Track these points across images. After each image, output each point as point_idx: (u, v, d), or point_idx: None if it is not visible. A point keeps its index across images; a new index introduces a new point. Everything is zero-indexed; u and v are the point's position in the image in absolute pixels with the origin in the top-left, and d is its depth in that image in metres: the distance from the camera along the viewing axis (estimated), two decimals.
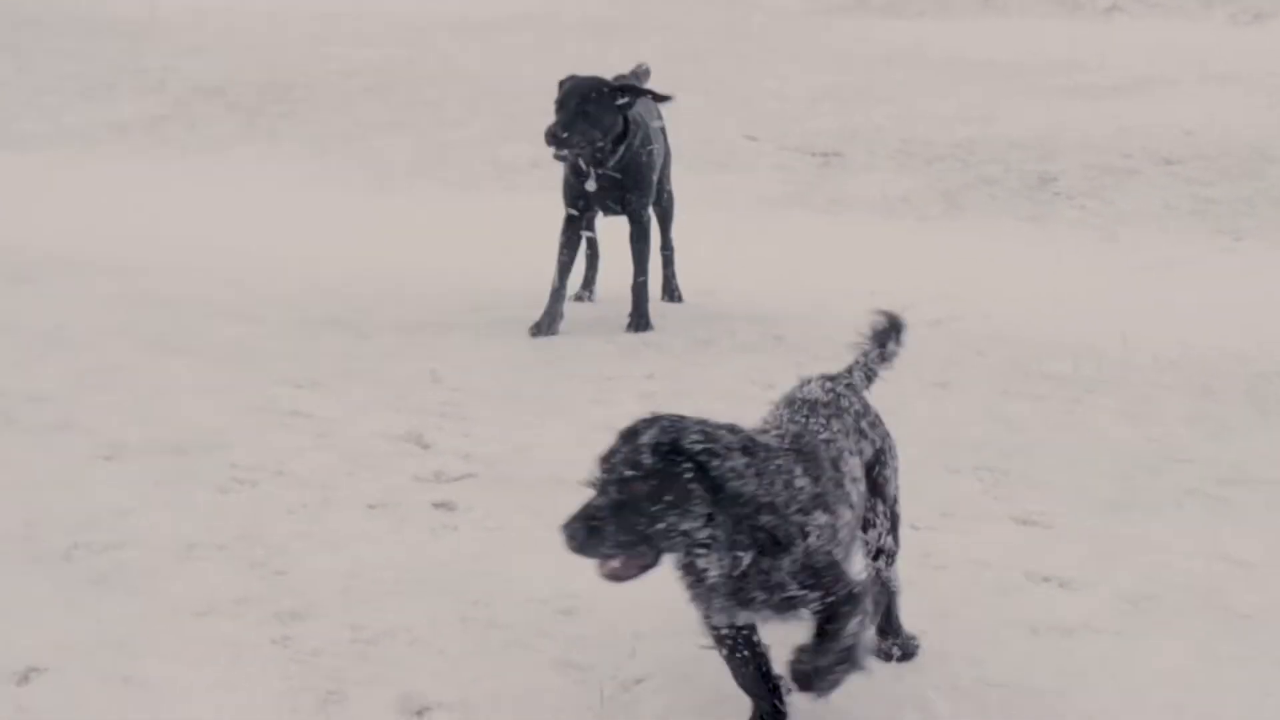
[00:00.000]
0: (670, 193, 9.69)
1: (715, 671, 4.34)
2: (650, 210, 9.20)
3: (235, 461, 6.37)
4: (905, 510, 5.50)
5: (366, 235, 11.59)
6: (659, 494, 3.62)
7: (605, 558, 3.69)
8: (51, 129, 15.57)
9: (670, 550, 3.73)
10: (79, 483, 6.07)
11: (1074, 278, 10.66)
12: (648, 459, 3.63)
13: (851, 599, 3.91)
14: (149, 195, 12.93)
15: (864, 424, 4.42)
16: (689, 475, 3.63)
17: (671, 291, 9.79)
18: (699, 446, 3.64)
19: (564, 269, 8.97)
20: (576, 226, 9.03)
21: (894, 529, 4.60)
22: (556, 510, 5.86)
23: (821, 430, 4.12)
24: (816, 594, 3.87)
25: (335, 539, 5.63)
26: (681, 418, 3.76)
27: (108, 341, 8.21)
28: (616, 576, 3.73)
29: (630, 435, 3.73)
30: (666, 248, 9.75)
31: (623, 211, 9.05)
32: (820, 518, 3.83)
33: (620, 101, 8.59)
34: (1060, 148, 14.00)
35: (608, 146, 8.66)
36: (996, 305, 9.72)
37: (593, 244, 9.86)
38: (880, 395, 7.63)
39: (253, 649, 4.76)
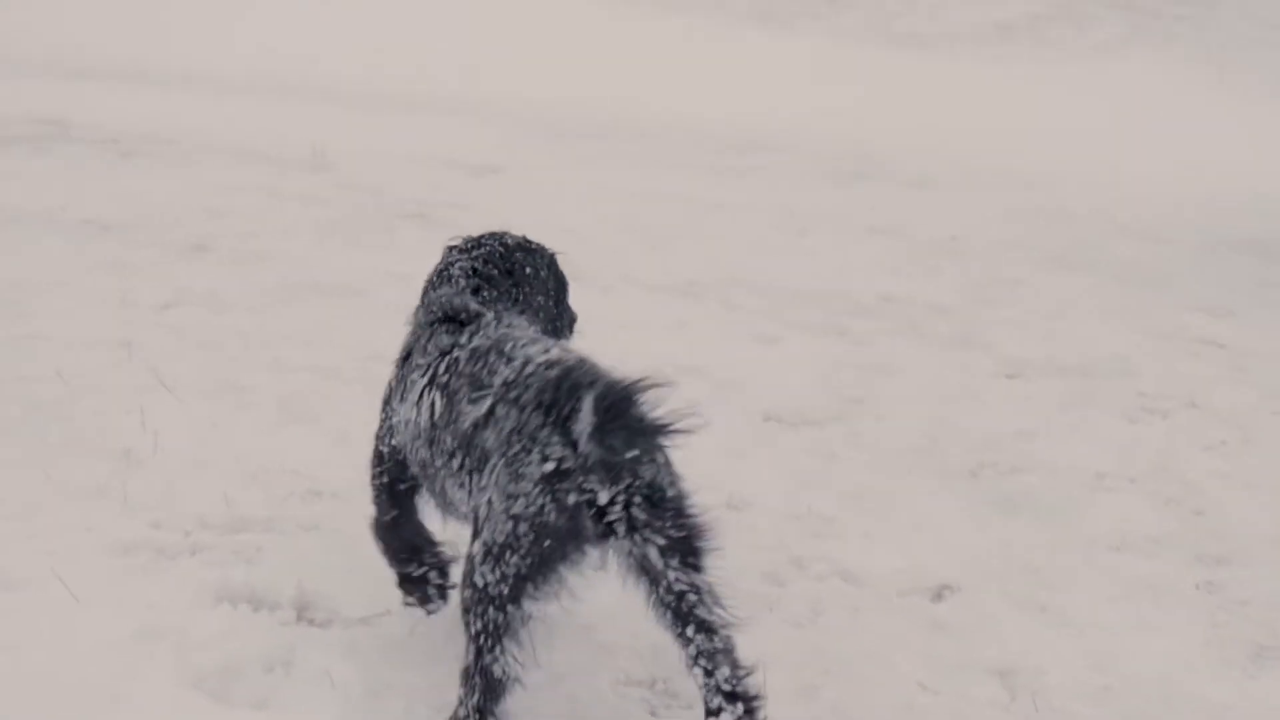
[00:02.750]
0: None
1: None
2: None
3: (1143, 390, 6.05)
4: None
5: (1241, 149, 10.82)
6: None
7: None
8: (933, 28, 15.71)
9: None
10: (982, 399, 5.96)
11: None
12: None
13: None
14: (1031, 99, 12.76)
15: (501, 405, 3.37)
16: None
17: None
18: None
19: None
20: None
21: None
22: None
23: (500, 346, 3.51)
24: None
25: (1259, 481, 5.18)
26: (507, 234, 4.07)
27: (1005, 254, 8.12)
28: None
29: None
30: None
31: None
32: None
33: None
34: None
35: None
36: None
37: None
38: None
39: (1173, 591, 4.42)
